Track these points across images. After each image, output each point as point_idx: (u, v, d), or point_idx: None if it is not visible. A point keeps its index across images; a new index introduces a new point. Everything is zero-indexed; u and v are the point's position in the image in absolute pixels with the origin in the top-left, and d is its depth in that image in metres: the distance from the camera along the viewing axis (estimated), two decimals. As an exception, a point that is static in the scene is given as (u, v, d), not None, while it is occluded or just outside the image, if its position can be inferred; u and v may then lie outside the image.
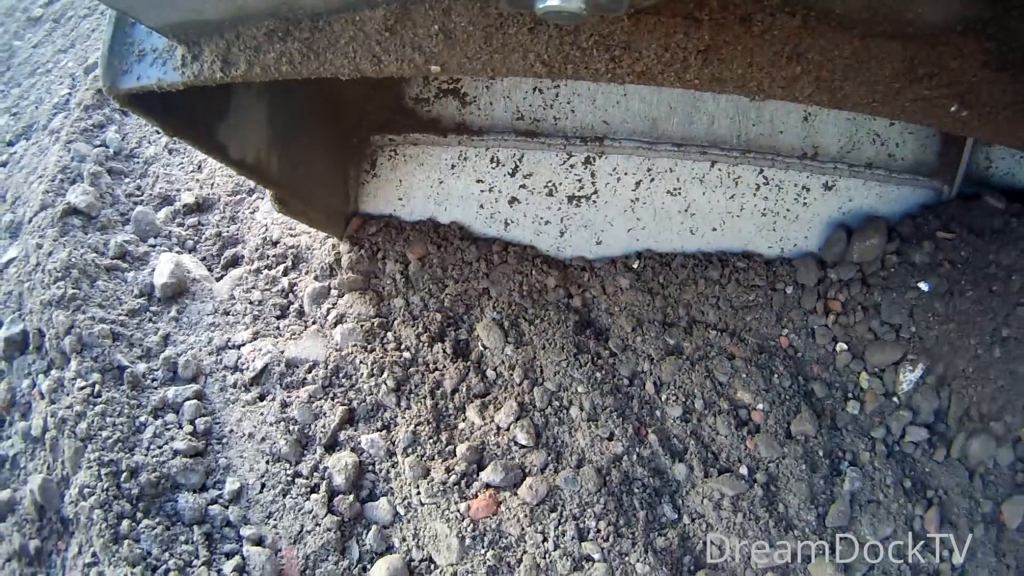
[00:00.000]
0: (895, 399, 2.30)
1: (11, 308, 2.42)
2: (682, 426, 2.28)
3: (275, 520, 2.10)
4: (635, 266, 2.54)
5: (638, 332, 2.45)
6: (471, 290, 2.52)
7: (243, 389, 2.37)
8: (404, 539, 2.09)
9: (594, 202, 2.59)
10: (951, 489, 2.16)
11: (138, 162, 2.90)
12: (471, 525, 2.07)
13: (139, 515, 2.00)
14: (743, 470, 2.19)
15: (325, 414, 2.29)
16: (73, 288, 2.28)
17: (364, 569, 2.04)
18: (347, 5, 1.33)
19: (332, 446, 2.26)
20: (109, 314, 2.31)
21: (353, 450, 2.23)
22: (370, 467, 2.21)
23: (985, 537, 2.09)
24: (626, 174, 2.55)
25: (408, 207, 2.66)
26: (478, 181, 2.61)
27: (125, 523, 1.97)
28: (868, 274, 2.40)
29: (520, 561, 2.03)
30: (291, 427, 2.25)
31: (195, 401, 2.28)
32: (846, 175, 2.48)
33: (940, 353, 2.23)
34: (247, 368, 2.39)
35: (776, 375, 2.34)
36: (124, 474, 2.03)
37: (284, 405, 2.31)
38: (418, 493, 2.14)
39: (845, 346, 2.38)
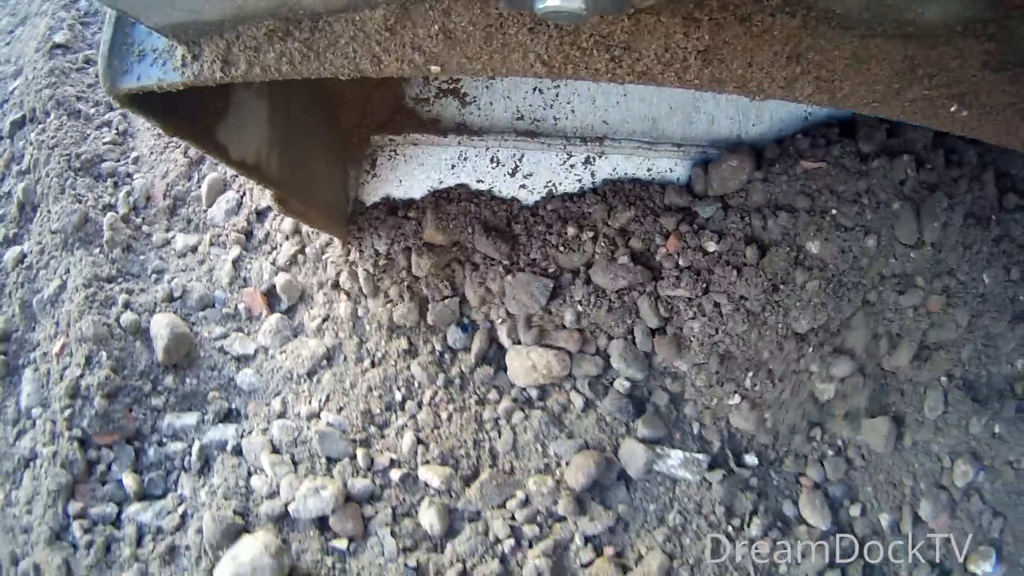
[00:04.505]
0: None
1: (15, 110, 3.60)
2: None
3: (155, 168, 3.28)
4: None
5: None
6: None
7: None
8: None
9: (594, 202, 2.59)
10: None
11: (103, 15, 3.95)
12: None
13: (77, 178, 3.20)
14: None
15: None
16: (55, 79, 3.49)
17: (199, 185, 3.15)
18: (347, 5, 1.33)
19: None
20: (76, 88, 3.52)
21: None
22: None
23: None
24: (626, 174, 2.56)
25: (408, 207, 2.66)
26: (478, 181, 2.61)
27: (68, 182, 3.16)
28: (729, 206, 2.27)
29: None
30: None
31: (119, 116, 3.49)
32: (846, 175, 2.48)
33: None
34: None
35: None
36: (73, 158, 3.24)
37: None
38: None
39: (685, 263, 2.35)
